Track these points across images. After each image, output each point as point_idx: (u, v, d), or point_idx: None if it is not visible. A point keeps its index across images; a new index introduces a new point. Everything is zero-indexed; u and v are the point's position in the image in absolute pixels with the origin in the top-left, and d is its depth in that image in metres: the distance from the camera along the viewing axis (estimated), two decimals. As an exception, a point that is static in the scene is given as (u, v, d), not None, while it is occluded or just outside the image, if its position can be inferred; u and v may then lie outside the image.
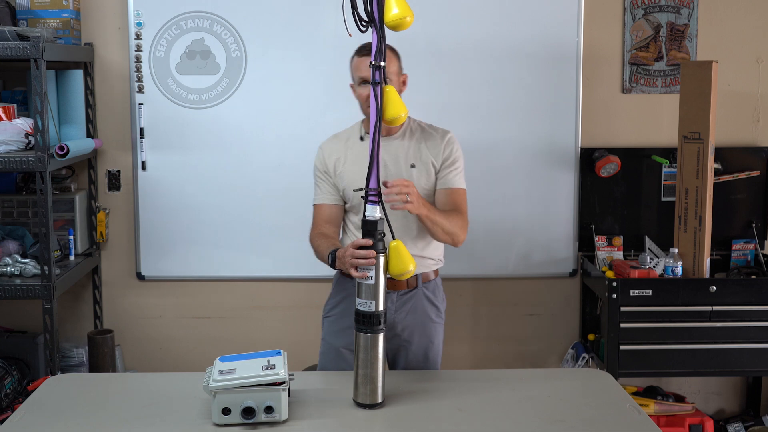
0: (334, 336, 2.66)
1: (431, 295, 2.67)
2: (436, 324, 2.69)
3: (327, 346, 2.69)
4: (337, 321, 2.67)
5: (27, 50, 2.90)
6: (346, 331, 2.63)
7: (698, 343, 3.22)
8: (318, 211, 2.64)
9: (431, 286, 2.67)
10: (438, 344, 2.70)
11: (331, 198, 2.62)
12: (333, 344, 2.66)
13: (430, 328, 2.66)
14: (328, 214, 2.62)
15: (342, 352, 2.64)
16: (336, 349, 2.65)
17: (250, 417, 1.99)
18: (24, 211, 3.42)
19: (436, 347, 2.69)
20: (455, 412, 2.13)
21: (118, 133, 3.56)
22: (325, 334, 2.71)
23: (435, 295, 2.69)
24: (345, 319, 2.64)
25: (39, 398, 2.23)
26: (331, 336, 2.68)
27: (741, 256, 3.62)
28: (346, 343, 2.63)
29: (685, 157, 3.36)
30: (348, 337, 2.63)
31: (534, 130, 3.58)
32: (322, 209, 2.63)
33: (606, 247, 3.56)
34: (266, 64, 3.50)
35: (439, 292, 2.72)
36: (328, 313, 2.72)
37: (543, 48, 3.53)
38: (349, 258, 2.18)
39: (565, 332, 3.76)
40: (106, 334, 3.31)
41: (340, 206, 2.63)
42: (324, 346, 2.70)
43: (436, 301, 2.69)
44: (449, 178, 2.60)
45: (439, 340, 2.70)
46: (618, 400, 2.24)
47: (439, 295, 2.72)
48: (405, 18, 2.09)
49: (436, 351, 2.69)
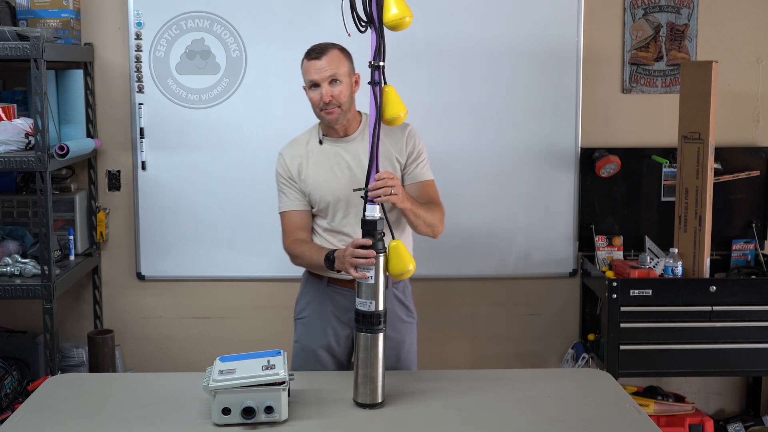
0: (310, 338, 2.65)
1: (401, 295, 2.67)
2: (407, 324, 2.68)
3: (301, 348, 2.67)
4: (311, 322, 2.66)
5: (27, 50, 2.90)
6: (322, 332, 2.63)
7: (698, 343, 3.22)
8: (288, 219, 2.61)
9: (401, 286, 2.67)
10: (410, 344, 2.69)
11: (300, 204, 2.59)
12: (308, 345, 2.64)
13: (401, 328, 2.66)
14: (300, 220, 2.59)
15: (318, 354, 2.63)
16: (312, 351, 2.63)
17: (250, 417, 1.99)
18: (24, 211, 3.42)
19: (408, 346, 2.67)
20: (455, 412, 2.13)
21: (118, 133, 3.56)
22: (299, 336, 2.69)
23: (405, 294, 2.69)
24: (319, 321, 2.64)
25: (39, 398, 2.23)
26: (306, 338, 2.66)
27: (741, 256, 3.62)
28: (322, 344, 2.63)
29: (685, 157, 3.36)
30: (324, 338, 2.63)
31: (534, 130, 3.58)
32: (292, 216, 2.60)
33: (606, 247, 3.56)
34: (266, 64, 3.50)
35: (408, 291, 2.71)
36: (300, 315, 2.70)
37: (543, 48, 3.53)
38: (349, 257, 2.18)
39: (565, 332, 3.75)
40: (106, 334, 3.31)
41: (309, 211, 2.61)
42: (297, 347, 2.69)
43: (406, 301, 2.69)
44: (418, 172, 2.60)
45: (411, 340, 2.69)
46: (618, 400, 2.24)
47: (408, 295, 2.72)
48: (404, 18, 2.09)
49: (408, 350, 2.67)
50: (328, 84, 2.46)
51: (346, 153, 2.56)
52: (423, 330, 3.65)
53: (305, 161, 2.58)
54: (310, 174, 2.57)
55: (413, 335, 2.72)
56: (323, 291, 2.64)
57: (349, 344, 2.67)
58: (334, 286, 2.62)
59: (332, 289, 2.62)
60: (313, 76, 2.47)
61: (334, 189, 2.54)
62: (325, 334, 2.63)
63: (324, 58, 2.46)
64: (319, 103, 2.49)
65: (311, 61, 2.48)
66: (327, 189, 2.55)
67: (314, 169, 2.57)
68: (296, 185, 2.59)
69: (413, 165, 2.59)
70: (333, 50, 2.49)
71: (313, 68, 2.47)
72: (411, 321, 2.70)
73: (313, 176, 2.56)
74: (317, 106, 2.51)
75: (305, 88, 2.55)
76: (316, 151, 2.59)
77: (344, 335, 2.65)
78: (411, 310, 2.71)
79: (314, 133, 2.63)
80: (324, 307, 2.64)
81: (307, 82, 2.51)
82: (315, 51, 2.49)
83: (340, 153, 2.56)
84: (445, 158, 3.51)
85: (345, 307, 2.60)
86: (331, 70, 2.46)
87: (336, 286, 2.62)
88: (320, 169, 2.56)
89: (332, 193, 2.54)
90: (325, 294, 2.64)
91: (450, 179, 3.50)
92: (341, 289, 2.61)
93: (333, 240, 2.57)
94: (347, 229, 2.55)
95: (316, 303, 2.65)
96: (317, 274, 2.64)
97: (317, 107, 2.51)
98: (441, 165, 3.47)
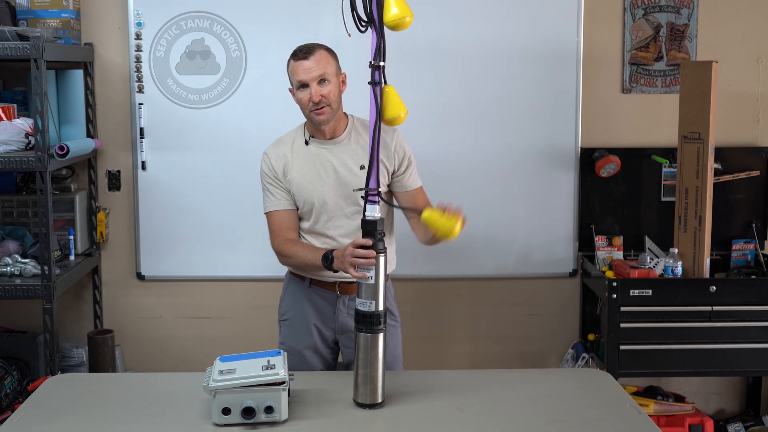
0: (295, 339, 2.65)
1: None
2: (391, 326, 2.65)
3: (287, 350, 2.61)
4: (295, 324, 2.66)
5: (27, 50, 2.90)
6: (306, 333, 2.63)
7: (698, 343, 3.22)
8: (276, 218, 2.59)
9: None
10: (394, 346, 2.67)
11: (287, 203, 2.58)
12: (294, 347, 2.63)
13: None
14: (288, 219, 2.58)
15: (305, 355, 2.63)
16: (298, 352, 2.62)
17: (250, 417, 1.99)
18: (24, 211, 3.42)
19: (392, 348, 2.65)
20: (455, 412, 2.13)
21: (118, 133, 3.56)
22: (284, 338, 2.69)
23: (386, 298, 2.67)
24: (303, 321, 2.63)
25: (39, 398, 2.23)
26: (292, 339, 2.65)
27: (741, 256, 3.62)
28: (306, 345, 2.63)
29: (685, 157, 3.36)
30: (308, 339, 2.63)
31: (534, 130, 3.58)
32: (280, 216, 2.58)
33: (606, 247, 3.56)
34: (266, 64, 3.50)
35: (390, 294, 2.70)
36: (284, 316, 2.70)
37: (543, 48, 3.53)
38: (349, 257, 2.18)
39: (565, 332, 3.75)
40: (106, 334, 3.31)
41: (296, 211, 2.60)
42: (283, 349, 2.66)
43: (389, 305, 2.66)
44: (410, 181, 2.60)
45: (395, 343, 2.67)
46: (618, 400, 2.24)
47: (391, 298, 2.69)
48: (404, 18, 2.09)
49: (392, 352, 2.64)
50: (317, 84, 2.45)
51: (331, 155, 2.54)
52: (423, 330, 3.69)
53: (290, 162, 2.56)
54: (295, 175, 2.55)
55: (398, 338, 2.70)
56: (305, 292, 2.63)
57: (334, 345, 2.67)
58: (315, 288, 2.62)
59: (313, 291, 2.62)
60: (302, 76, 2.45)
61: (318, 191, 2.52)
62: (309, 335, 2.63)
63: (312, 58, 2.45)
64: (309, 104, 2.47)
65: (299, 61, 2.46)
66: (311, 191, 2.53)
67: (299, 170, 2.55)
68: (282, 185, 2.57)
69: (404, 174, 2.59)
70: (320, 50, 2.47)
71: (300, 68, 2.45)
72: (395, 324, 2.68)
73: (298, 178, 2.54)
74: (306, 107, 2.49)
75: (292, 90, 2.53)
76: (302, 152, 2.57)
77: (328, 336, 2.65)
78: (394, 314, 2.70)
79: (300, 134, 2.61)
80: (307, 308, 2.63)
81: (295, 83, 2.48)
82: (302, 51, 2.47)
83: (325, 155, 2.55)
84: (445, 158, 3.52)
85: (325, 308, 2.61)
86: (319, 69, 2.44)
87: (317, 287, 2.61)
88: (305, 171, 2.54)
89: (317, 195, 2.53)
90: (307, 295, 2.63)
91: (450, 179, 3.50)
92: (322, 291, 2.61)
93: (316, 242, 2.56)
94: (331, 232, 2.54)
95: (299, 304, 2.65)
96: (299, 275, 2.63)
97: (306, 108, 2.49)
98: (441, 165, 3.50)
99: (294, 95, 2.52)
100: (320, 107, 2.46)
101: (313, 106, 2.46)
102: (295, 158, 2.56)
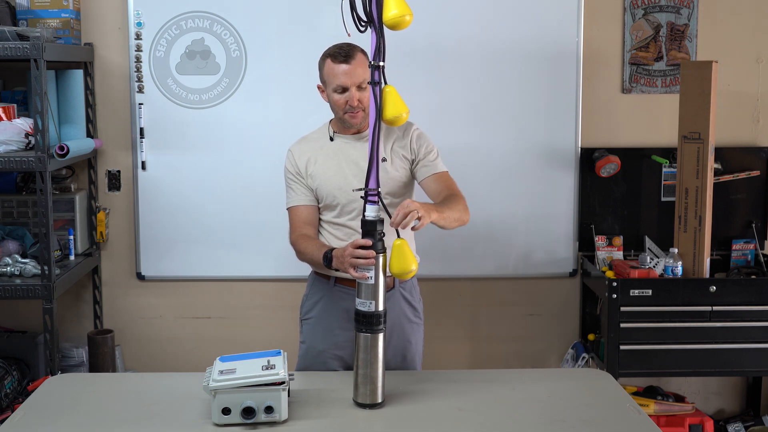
0: (317, 339, 2.65)
1: (408, 295, 2.67)
2: (414, 324, 2.67)
3: (308, 349, 2.66)
4: (318, 323, 2.65)
5: (27, 50, 2.90)
6: (329, 333, 2.62)
7: (698, 343, 3.22)
8: (295, 214, 2.62)
9: (408, 286, 2.66)
10: (416, 344, 2.68)
11: (306, 199, 2.60)
12: (316, 347, 2.64)
13: (408, 329, 2.65)
14: (306, 215, 2.60)
15: (325, 355, 2.63)
16: (318, 352, 2.63)
17: (250, 417, 1.99)
18: (24, 211, 3.42)
19: (414, 347, 2.67)
20: (455, 412, 2.13)
21: (118, 133, 3.56)
22: (306, 337, 2.69)
23: (412, 295, 2.68)
24: (326, 321, 2.63)
25: (39, 398, 2.23)
26: (313, 339, 2.65)
27: (741, 256, 3.62)
28: (328, 345, 2.62)
29: (685, 157, 3.36)
30: (331, 338, 2.62)
31: (534, 130, 3.58)
32: (299, 211, 2.61)
33: (606, 247, 3.56)
34: (266, 64, 3.50)
35: (415, 292, 2.71)
36: (306, 316, 2.70)
37: (543, 48, 3.53)
38: (348, 258, 2.18)
39: (565, 332, 3.75)
40: (106, 334, 3.31)
41: (316, 207, 2.62)
42: (304, 348, 2.68)
43: (414, 302, 2.68)
44: (433, 166, 2.61)
45: (417, 340, 2.69)
46: (618, 400, 2.24)
47: (416, 296, 2.71)
48: (404, 17, 2.08)
49: (415, 351, 2.66)
50: (356, 89, 2.46)
51: (355, 150, 2.56)
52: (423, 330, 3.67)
53: (314, 157, 2.59)
54: (318, 169, 2.57)
55: (419, 336, 2.71)
56: (330, 291, 2.63)
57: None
58: (341, 287, 2.62)
59: (339, 290, 2.62)
60: (343, 80, 2.46)
61: (341, 184, 2.55)
62: (331, 335, 2.63)
63: (353, 62, 2.46)
64: (345, 106, 2.49)
65: (339, 64, 2.46)
66: (335, 184, 2.55)
67: (323, 164, 2.58)
68: (303, 181, 2.60)
69: (425, 159, 2.60)
70: (359, 54, 2.48)
71: (341, 72, 2.46)
72: (418, 321, 2.70)
73: (321, 171, 2.57)
74: (341, 109, 2.51)
75: (322, 87, 2.55)
76: (326, 148, 2.60)
77: (351, 336, 2.64)
78: (418, 311, 2.70)
79: (324, 131, 2.64)
80: (331, 307, 2.63)
81: (334, 85, 2.48)
82: (342, 54, 2.47)
83: (349, 150, 2.57)
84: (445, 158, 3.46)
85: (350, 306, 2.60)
86: (361, 75, 2.45)
87: (343, 286, 2.61)
88: (329, 165, 2.57)
89: (339, 188, 2.55)
90: (332, 294, 2.63)
91: (450, 179, 3.50)
92: (349, 290, 2.59)
93: (338, 233, 2.57)
94: (352, 223, 2.55)
95: (323, 304, 2.65)
96: (324, 274, 2.63)
97: (341, 110, 2.51)
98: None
99: (324, 93, 2.55)
100: (356, 111, 2.48)
101: (350, 108, 2.48)
102: (319, 154, 2.59)
